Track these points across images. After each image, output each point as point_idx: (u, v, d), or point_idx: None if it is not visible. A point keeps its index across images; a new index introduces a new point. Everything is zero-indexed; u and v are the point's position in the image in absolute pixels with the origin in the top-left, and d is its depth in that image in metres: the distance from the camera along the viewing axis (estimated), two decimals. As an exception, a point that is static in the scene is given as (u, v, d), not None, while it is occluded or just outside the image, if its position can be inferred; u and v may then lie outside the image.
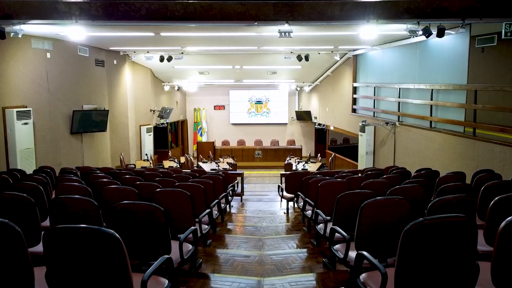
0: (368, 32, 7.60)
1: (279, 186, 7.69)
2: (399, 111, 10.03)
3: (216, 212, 4.93)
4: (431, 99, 8.59)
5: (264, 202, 9.03)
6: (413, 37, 8.60)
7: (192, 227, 3.10)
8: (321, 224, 3.98)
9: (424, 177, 5.58)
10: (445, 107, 8.23)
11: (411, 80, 9.52)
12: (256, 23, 7.14)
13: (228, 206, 7.49)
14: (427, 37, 7.27)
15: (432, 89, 8.58)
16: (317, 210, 4.00)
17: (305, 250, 4.73)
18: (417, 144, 9.00)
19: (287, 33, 7.26)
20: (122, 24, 7.60)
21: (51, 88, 9.35)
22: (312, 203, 4.67)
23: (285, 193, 7.31)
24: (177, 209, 3.58)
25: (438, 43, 8.47)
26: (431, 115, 8.63)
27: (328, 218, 4.50)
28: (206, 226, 3.99)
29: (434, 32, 7.22)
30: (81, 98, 10.55)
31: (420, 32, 7.28)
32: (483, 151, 6.93)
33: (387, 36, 9.32)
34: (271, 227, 6.24)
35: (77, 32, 7.34)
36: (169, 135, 17.71)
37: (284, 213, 7.51)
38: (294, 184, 7.00)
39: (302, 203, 5.75)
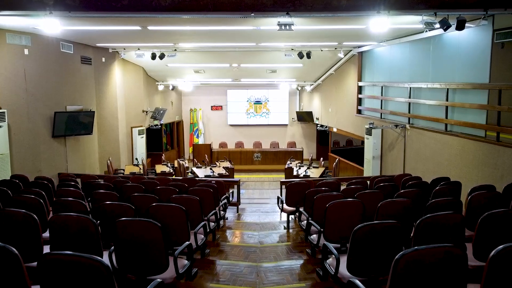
0: (379, 25, 6.78)
1: (278, 198, 6.87)
2: (409, 112, 9.20)
3: (203, 236, 4.11)
4: (447, 100, 7.78)
5: (262, 213, 8.22)
6: (426, 31, 7.82)
7: (157, 280, 2.29)
8: (331, 259, 3.17)
9: (451, 194, 4.76)
10: (463, 108, 7.41)
11: (423, 79, 8.70)
12: (252, 14, 6.34)
13: (222, 219, 6.70)
14: (445, 30, 6.46)
15: (447, 89, 7.76)
16: (326, 243, 3.18)
17: (309, 283, 3.92)
18: (431, 149, 8.19)
19: (287, 26, 6.45)
20: (102, 15, 6.79)
21: (29, 87, 8.54)
22: (319, 227, 3.86)
23: (285, 206, 6.49)
24: (146, 245, 2.78)
25: (455, 38, 7.65)
26: (446, 117, 7.81)
27: (338, 246, 3.70)
28: (186, 262, 3.18)
29: (453, 25, 6.39)
30: (64, 99, 9.73)
31: (437, 25, 6.48)
32: (509, 159, 6.11)
33: (397, 30, 8.50)
34: (269, 248, 5.42)
35: (52, 24, 6.52)
36: (164, 137, 16.90)
37: (285, 227, 6.70)
38: (296, 196, 6.19)
39: (305, 221, 4.94)
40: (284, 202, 6.52)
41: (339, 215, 3.67)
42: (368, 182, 7.36)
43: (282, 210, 6.67)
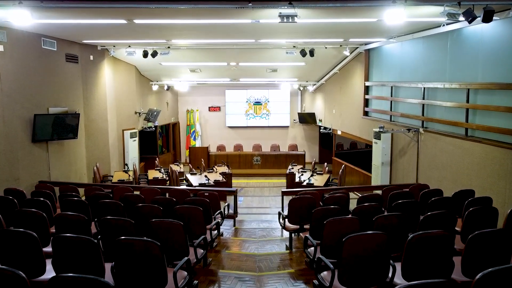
0: (394, 18, 6.01)
1: (280, 214, 6.07)
2: (423, 115, 8.39)
3: (186, 274, 3.32)
4: (467, 101, 6.97)
5: (261, 229, 7.42)
6: (444, 25, 7.02)
7: None
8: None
9: (487, 217, 3.96)
10: (487, 111, 6.60)
11: (439, 78, 7.89)
12: (250, 4, 5.54)
13: (216, 238, 5.90)
14: (469, 22, 5.66)
15: (468, 89, 6.95)
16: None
17: (319, 335, 3.12)
18: (448, 156, 7.38)
19: (290, 17, 5.65)
20: (79, 6, 5.97)
21: (5, 88, 7.73)
22: (332, 266, 3.05)
23: (287, 223, 5.69)
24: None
25: (477, 32, 6.84)
26: (467, 121, 7.01)
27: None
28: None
29: (479, 17, 5.59)
30: (46, 100, 8.92)
31: (461, 17, 5.68)
32: (545, 170, 5.32)
33: (410, 25, 7.70)
34: (266, 276, 4.62)
35: (22, 16, 5.72)
36: (160, 140, 16.11)
37: (287, 247, 5.89)
38: (300, 213, 5.40)
39: (312, 249, 4.14)
40: (286, 218, 5.72)
41: (358, 252, 2.88)
42: (380, 193, 6.58)
43: (284, 227, 5.86)
